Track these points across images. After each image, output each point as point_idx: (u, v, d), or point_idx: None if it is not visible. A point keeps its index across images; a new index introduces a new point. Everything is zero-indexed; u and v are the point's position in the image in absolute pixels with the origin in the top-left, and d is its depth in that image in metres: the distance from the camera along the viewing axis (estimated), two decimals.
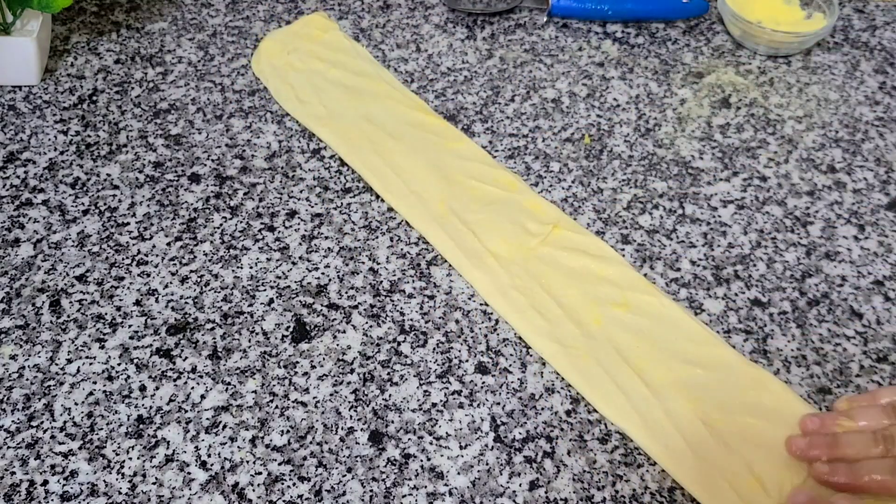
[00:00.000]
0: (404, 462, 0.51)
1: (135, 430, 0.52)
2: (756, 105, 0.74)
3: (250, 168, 0.67)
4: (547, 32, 0.80)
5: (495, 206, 0.63)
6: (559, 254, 0.61)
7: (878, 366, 0.56)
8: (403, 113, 0.70)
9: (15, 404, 0.53)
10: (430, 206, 0.63)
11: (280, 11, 0.82)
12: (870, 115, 0.74)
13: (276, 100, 0.72)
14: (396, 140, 0.68)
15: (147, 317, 0.58)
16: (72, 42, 0.77)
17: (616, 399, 0.53)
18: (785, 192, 0.67)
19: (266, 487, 0.50)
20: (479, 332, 0.57)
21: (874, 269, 0.62)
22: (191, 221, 0.63)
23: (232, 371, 0.55)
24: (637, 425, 0.52)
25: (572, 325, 0.56)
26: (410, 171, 0.66)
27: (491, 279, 0.59)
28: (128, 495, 0.49)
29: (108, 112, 0.71)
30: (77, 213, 0.64)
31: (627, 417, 0.52)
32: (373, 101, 0.71)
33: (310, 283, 0.60)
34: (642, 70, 0.77)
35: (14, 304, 0.58)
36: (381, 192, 0.65)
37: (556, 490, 0.50)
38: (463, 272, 0.60)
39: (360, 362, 0.56)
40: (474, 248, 0.61)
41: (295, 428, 0.52)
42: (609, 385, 0.53)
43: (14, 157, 0.67)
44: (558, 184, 0.67)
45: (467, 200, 0.64)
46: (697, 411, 0.52)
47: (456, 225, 0.62)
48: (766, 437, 0.51)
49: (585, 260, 0.60)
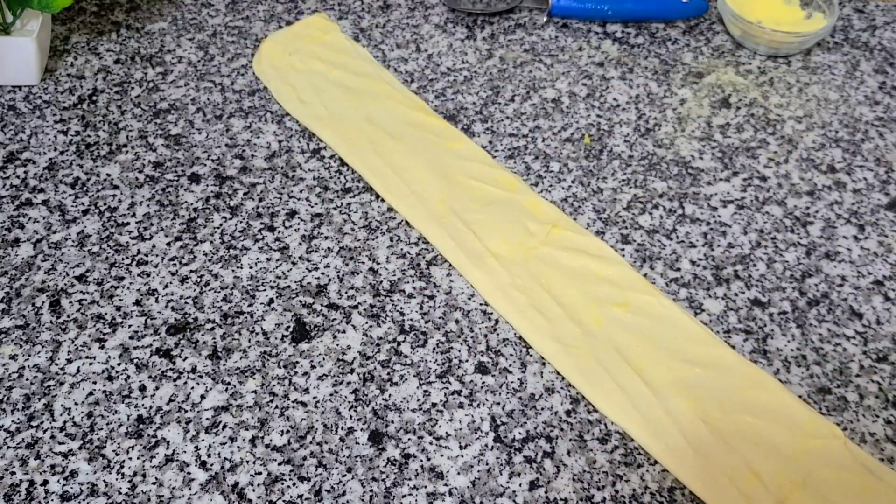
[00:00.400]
0: (404, 462, 0.51)
1: (135, 430, 0.52)
2: (756, 105, 0.74)
3: (250, 168, 0.67)
4: (547, 32, 0.80)
5: (495, 206, 0.63)
6: (559, 254, 0.61)
7: (878, 366, 0.56)
8: (404, 113, 0.70)
9: (15, 404, 0.53)
10: (430, 205, 0.63)
11: (280, 11, 0.82)
12: (870, 115, 0.74)
13: (276, 100, 0.72)
14: (396, 140, 0.68)
15: (147, 317, 0.58)
16: (72, 42, 0.77)
17: (616, 398, 0.53)
18: (785, 192, 0.67)
19: (266, 487, 0.50)
20: (479, 332, 0.57)
21: (874, 269, 0.62)
22: (191, 221, 0.64)
23: (232, 371, 0.55)
24: (638, 424, 0.52)
25: (572, 324, 0.56)
26: (411, 172, 0.66)
27: (491, 279, 0.59)
28: (128, 495, 0.49)
29: (108, 112, 0.71)
30: (77, 213, 0.64)
31: (628, 416, 0.52)
32: (373, 101, 0.71)
33: (310, 283, 0.60)
34: (642, 70, 0.77)
35: (14, 304, 0.58)
36: (381, 192, 0.65)
37: (556, 490, 0.50)
38: (463, 272, 0.60)
39: (360, 362, 0.56)
40: (474, 247, 0.61)
41: (295, 428, 0.52)
42: (609, 384, 0.54)
43: (14, 157, 0.67)
44: (558, 184, 0.67)
45: (467, 200, 0.64)
46: (697, 410, 0.52)
47: (456, 225, 0.62)
48: (765, 435, 0.51)
49: (585, 260, 0.60)
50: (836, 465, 0.50)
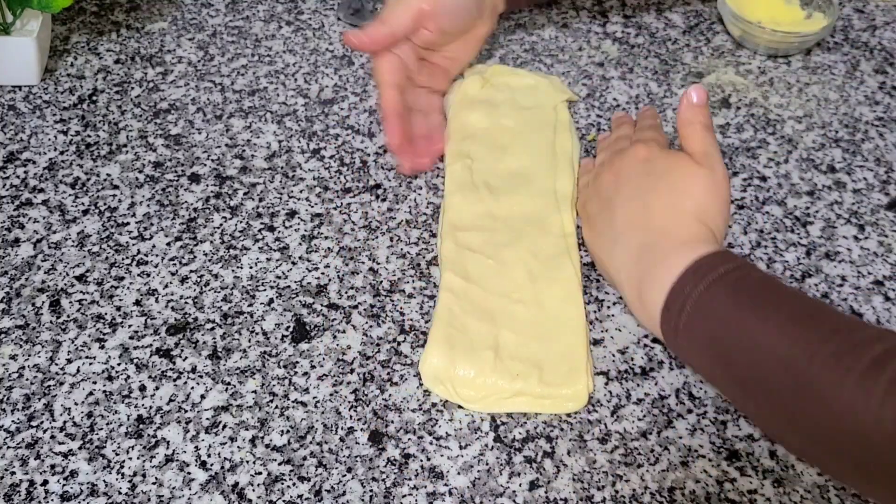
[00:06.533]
0: (404, 462, 0.51)
1: (135, 430, 0.52)
2: (756, 105, 0.74)
3: (250, 168, 0.67)
4: (547, 32, 0.80)
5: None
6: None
7: None
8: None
9: (15, 404, 0.53)
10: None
11: (280, 11, 0.82)
12: (870, 115, 0.74)
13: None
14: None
15: (147, 317, 0.58)
16: (72, 42, 0.77)
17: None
18: (785, 192, 0.67)
19: (266, 487, 0.50)
20: None
21: (874, 269, 0.62)
22: (191, 221, 0.64)
23: (232, 371, 0.55)
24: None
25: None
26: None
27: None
28: (128, 495, 0.49)
29: (108, 112, 0.71)
30: (77, 213, 0.64)
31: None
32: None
33: (310, 283, 0.60)
34: (642, 70, 0.77)
35: (14, 304, 0.58)
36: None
37: (556, 490, 0.50)
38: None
39: (360, 362, 0.56)
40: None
41: (295, 428, 0.52)
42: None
43: (14, 157, 0.67)
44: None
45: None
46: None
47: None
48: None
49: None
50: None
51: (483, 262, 0.59)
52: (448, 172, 0.65)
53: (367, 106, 0.73)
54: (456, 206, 0.62)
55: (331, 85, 0.74)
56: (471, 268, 0.58)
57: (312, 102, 0.73)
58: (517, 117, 0.69)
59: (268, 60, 0.77)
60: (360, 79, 0.75)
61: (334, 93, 0.74)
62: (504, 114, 0.69)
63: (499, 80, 0.72)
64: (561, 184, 0.64)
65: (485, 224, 0.61)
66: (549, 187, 0.64)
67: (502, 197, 0.63)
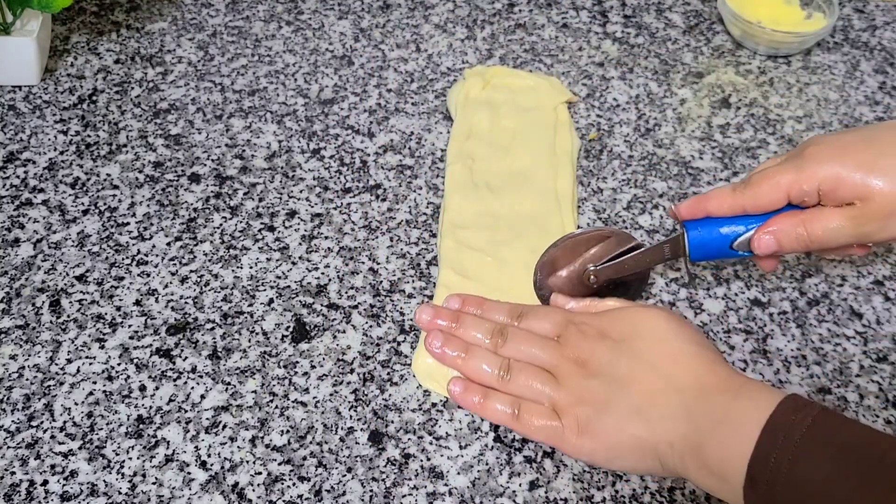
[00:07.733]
0: (404, 462, 0.51)
1: (135, 430, 0.52)
2: (756, 105, 0.74)
3: (250, 168, 0.67)
4: (547, 32, 0.80)
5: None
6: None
7: (878, 366, 0.56)
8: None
9: (15, 404, 0.53)
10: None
11: (280, 11, 0.82)
12: (870, 115, 0.74)
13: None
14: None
15: (147, 317, 0.58)
16: (72, 42, 0.77)
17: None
18: None
19: (266, 487, 0.50)
20: None
21: (874, 269, 0.62)
22: (191, 221, 0.63)
23: (232, 371, 0.55)
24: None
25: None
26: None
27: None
28: (128, 495, 0.49)
29: (108, 112, 0.71)
30: (77, 213, 0.64)
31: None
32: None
33: (310, 283, 0.60)
34: (642, 70, 0.77)
35: (14, 304, 0.58)
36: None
37: (556, 490, 0.50)
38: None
39: (359, 362, 0.56)
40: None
41: (295, 428, 0.52)
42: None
43: (14, 157, 0.67)
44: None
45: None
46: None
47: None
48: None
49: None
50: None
51: (482, 259, 0.59)
52: (448, 172, 0.65)
53: (367, 106, 0.73)
54: (456, 205, 0.63)
55: (331, 85, 0.75)
56: (470, 265, 0.59)
57: (312, 102, 0.73)
58: (518, 118, 0.69)
59: (268, 60, 0.77)
60: (360, 79, 0.75)
61: (334, 93, 0.74)
62: (505, 114, 0.69)
63: (499, 81, 0.72)
64: (561, 183, 0.64)
65: (485, 223, 0.62)
66: (549, 187, 0.64)
67: (503, 196, 0.63)
